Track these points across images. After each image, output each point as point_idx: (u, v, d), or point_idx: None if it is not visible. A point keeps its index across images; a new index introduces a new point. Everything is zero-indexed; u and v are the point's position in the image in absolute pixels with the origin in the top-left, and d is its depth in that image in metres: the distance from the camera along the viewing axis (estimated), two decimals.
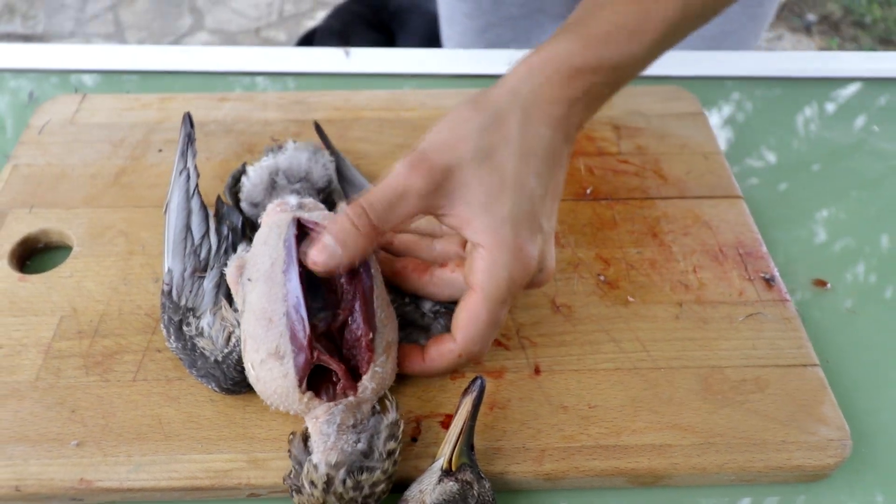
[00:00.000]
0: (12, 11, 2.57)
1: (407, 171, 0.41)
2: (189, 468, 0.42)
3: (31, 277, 0.51)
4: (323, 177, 0.52)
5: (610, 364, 0.47)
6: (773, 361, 0.48)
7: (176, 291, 0.46)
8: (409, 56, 0.76)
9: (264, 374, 0.41)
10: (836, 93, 0.74)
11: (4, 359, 0.46)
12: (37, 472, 0.41)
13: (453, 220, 0.42)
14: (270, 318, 0.41)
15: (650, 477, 0.43)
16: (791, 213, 0.61)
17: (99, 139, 0.62)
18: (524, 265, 0.42)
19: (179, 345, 0.45)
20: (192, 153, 0.50)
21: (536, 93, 0.43)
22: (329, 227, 0.42)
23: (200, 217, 0.48)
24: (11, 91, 0.70)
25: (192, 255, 0.47)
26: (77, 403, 0.44)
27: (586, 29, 0.45)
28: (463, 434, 0.40)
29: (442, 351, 0.43)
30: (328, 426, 0.40)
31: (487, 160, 0.42)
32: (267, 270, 0.43)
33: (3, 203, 0.56)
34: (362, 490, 0.38)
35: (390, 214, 0.41)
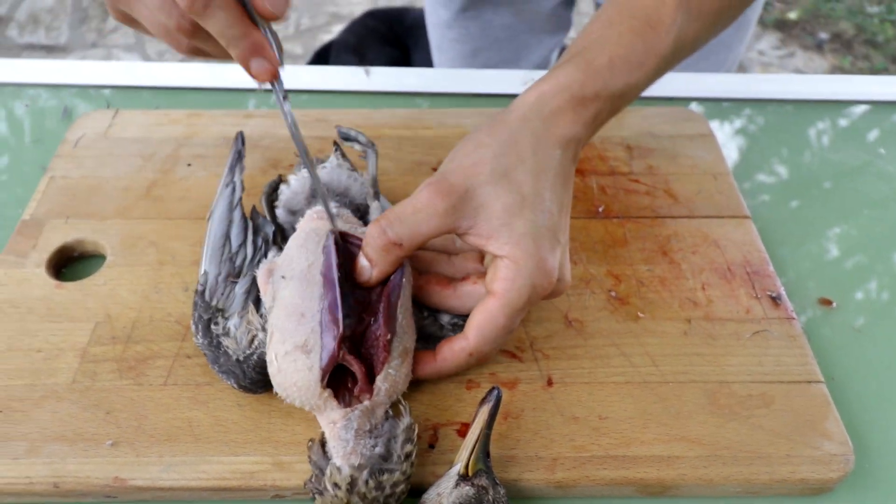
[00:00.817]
0: (36, 23, 2.63)
1: (429, 194, 0.44)
2: (217, 469, 0.44)
3: (67, 285, 0.54)
4: (361, 194, 0.55)
5: (620, 377, 0.49)
6: (779, 378, 0.49)
7: (209, 292, 0.49)
8: (427, 75, 0.78)
9: (287, 366, 0.43)
10: (846, 114, 0.75)
11: (43, 362, 0.49)
12: (74, 469, 0.44)
13: (476, 238, 0.45)
14: (303, 313, 0.44)
15: (658, 487, 0.45)
16: (799, 231, 0.63)
17: (131, 153, 0.64)
18: (546, 275, 0.45)
19: (206, 341, 0.47)
20: (241, 168, 0.53)
21: (546, 119, 0.46)
22: (363, 245, 0.45)
23: (240, 227, 0.51)
24: (47, 106, 0.73)
25: (228, 261, 0.50)
26: (111, 406, 0.47)
27: (591, 60, 0.48)
28: (479, 441, 0.41)
29: (454, 349, 0.46)
30: (346, 431, 0.42)
31: (504, 180, 0.44)
32: (303, 270, 0.45)
33: (40, 213, 0.59)
34: (384, 490, 0.40)
35: (414, 233, 0.44)
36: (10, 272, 0.54)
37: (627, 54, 0.48)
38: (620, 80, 0.48)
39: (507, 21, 0.95)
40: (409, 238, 0.44)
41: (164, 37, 0.43)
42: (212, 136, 0.66)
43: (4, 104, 0.73)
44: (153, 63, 0.77)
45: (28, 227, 0.57)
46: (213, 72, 0.76)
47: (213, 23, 0.40)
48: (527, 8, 0.94)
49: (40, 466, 0.44)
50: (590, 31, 0.50)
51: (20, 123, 0.72)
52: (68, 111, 0.72)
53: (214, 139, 0.66)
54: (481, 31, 0.96)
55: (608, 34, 0.49)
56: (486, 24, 0.95)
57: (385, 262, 0.45)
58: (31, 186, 0.63)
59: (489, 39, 0.97)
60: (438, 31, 1.00)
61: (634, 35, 0.48)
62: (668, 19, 0.49)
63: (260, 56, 0.42)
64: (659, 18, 0.49)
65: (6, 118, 0.72)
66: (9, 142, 0.70)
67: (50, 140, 0.69)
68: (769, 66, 2.48)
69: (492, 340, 0.46)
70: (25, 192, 0.63)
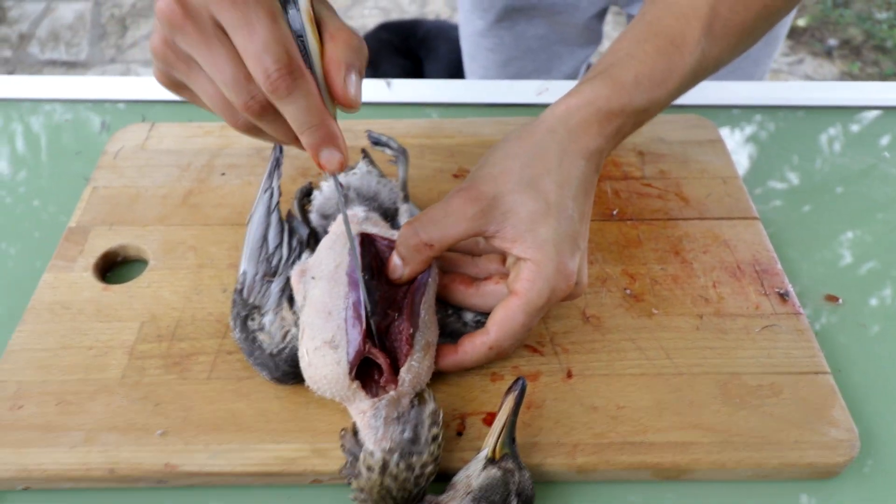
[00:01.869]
0: (57, 40, 2.70)
1: (460, 199, 0.47)
2: (260, 456, 0.47)
3: (113, 287, 0.57)
4: (389, 199, 0.58)
5: (636, 369, 0.52)
6: (787, 369, 0.52)
7: (247, 291, 0.52)
8: (447, 86, 0.82)
9: (317, 361, 0.46)
10: (856, 120, 0.78)
11: (94, 359, 0.52)
12: (127, 456, 0.47)
13: (501, 241, 0.48)
14: (330, 311, 0.47)
15: (674, 471, 0.48)
16: (811, 236, 0.65)
17: (168, 163, 0.68)
18: (565, 279, 0.48)
19: (242, 336, 0.51)
20: (278, 175, 0.57)
21: (573, 132, 0.49)
22: (396, 245, 0.48)
23: (277, 230, 0.54)
24: (86, 121, 0.77)
25: (265, 261, 0.53)
26: (160, 398, 0.50)
27: (617, 76, 0.50)
28: (506, 427, 0.44)
29: (475, 343, 0.49)
30: (375, 419, 0.45)
31: (531, 188, 0.48)
32: (331, 271, 0.49)
33: (85, 221, 0.62)
34: (413, 471, 0.43)
35: (445, 235, 0.48)
36: (60, 276, 0.58)
37: (652, 72, 0.51)
38: (644, 97, 0.51)
39: (540, 32, 0.97)
40: (439, 240, 0.47)
41: (220, 111, 0.42)
42: (244, 146, 0.70)
43: (47, 119, 0.77)
44: None
45: (74, 234, 0.61)
46: None
47: (291, 108, 0.39)
48: (561, 20, 0.97)
49: (96, 454, 0.47)
50: (617, 48, 0.53)
51: (61, 137, 0.75)
52: (106, 125, 0.76)
53: (246, 149, 0.69)
54: (515, 41, 0.99)
55: (634, 52, 0.51)
56: (519, 35, 0.98)
57: (416, 262, 0.48)
58: (74, 196, 0.67)
59: (522, 49, 1.00)
60: (472, 40, 1.03)
61: (659, 54, 0.51)
62: (692, 40, 0.51)
63: (333, 146, 0.41)
64: (683, 39, 0.51)
65: (47, 132, 0.76)
66: (50, 155, 0.73)
67: (89, 152, 0.73)
68: (779, 73, 2.51)
69: (511, 336, 0.49)
70: (69, 202, 0.67)
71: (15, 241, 0.64)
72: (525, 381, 0.46)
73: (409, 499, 0.43)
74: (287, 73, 0.37)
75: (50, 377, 0.51)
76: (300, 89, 0.38)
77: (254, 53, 0.37)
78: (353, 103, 0.40)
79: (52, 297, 0.56)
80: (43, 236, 0.64)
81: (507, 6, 0.95)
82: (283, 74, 0.37)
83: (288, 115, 0.39)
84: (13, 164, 0.72)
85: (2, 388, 0.50)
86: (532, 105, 0.79)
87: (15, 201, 0.68)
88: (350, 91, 0.40)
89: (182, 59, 0.40)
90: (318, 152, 0.41)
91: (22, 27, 2.74)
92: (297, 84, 0.38)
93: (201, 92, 0.42)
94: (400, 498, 0.42)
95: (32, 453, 0.47)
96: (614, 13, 2.50)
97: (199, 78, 0.41)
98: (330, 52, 0.40)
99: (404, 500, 0.43)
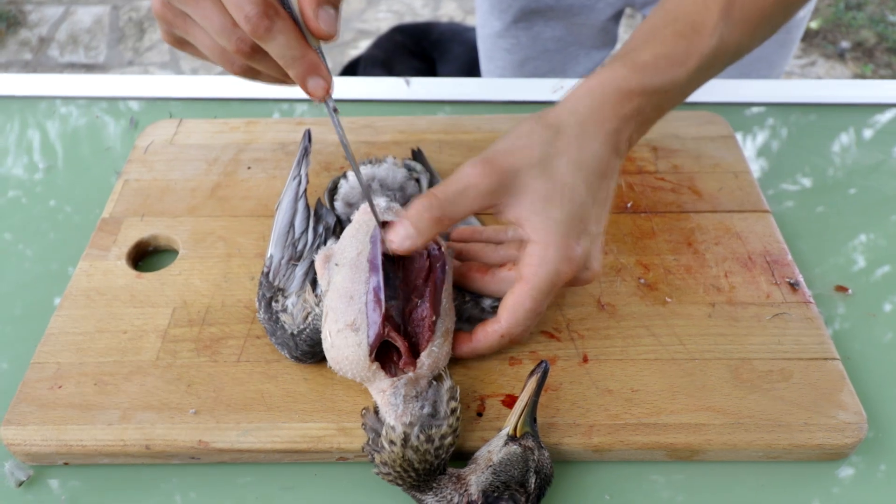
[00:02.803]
0: (76, 43, 2.74)
1: (474, 171, 0.48)
2: (289, 434, 0.49)
3: (146, 275, 0.60)
4: (414, 194, 0.60)
5: (650, 355, 0.54)
6: (797, 355, 0.54)
7: (273, 274, 0.55)
8: (463, 85, 0.84)
9: (339, 342, 0.48)
10: (870, 119, 0.79)
11: (129, 342, 0.55)
12: (162, 433, 0.49)
13: (510, 217, 0.49)
14: (352, 295, 0.49)
15: (687, 451, 0.49)
16: (824, 235, 0.66)
17: (196, 158, 0.70)
18: (570, 262, 0.49)
19: (266, 316, 0.53)
20: (307, 163, 0.59)
21: (593, 111, 0.50)
22: (407, 214, 0.49)
23: (303, 216, 0.57)
24: (117, 117, 0.80)
25: (291, 246, 0.56)
26: (192, 379, 0.52)
27: (636, 57, 0.52)
28: (527, 407, 0.46)
29: (487, 331, 0.51)
30: (395, 398, 0.47)
31: (545, 168, 0.49)
32: (353, 258, 0.51)
33: (118, 212, 0.65)
34: (433, 443, 0.45)
35: (456, 207, 0.49)
36: (95, 264, 0.60)
37: (670, 52, 0.51)
38: (663, 76, 0.51)
39: (557, 33, 0.99)
40: (450, 212, 0.48)
41: (218, 59, 0.46)
42: (268, 141, 0.72)
43: (78, 116, 0.80)
44: (211, 76, 0.84)
45: (108, 225, 0.64)
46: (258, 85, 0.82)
47: (273, 45, 0.42)
48: (577, 21, 0.99)
49: (132, 431, 0.49)
50: (636, 35, 0.54)
51: (91, 133, 0.78)
52: (135, 121, 0.79)
53: (271, 144, 0.72)
54: (532, 42, 1.01)
55: (653, 37, 0.52)
56: (536, 36, 1.00)
57: (428, 231, 0.49)
58: (105, 188, 0.70)
59: (538, 50, 1.01)
60: (490, 40, 1.05)
61: (678, 36, 0.52)
62: (710, 23, 0.52)
63: (316, 75, 0.44)
64: (702, 23, 0.52)
65: (77, 129, 0.79)
66: (82, 150, 0.76)
67: (118, 147, 0.76)
68: (791, 75, 2.51)
69: (521, 322, 0.50)
70: (100, 194, 0.69)
71: (52, 228, 0.67)
72: (548, 364, 0.47)
73: (431, 470, 0.45)
74: (264, 14, 0.41)
75: (87, 359, 0.53)
76: (277, 28, 0.42)
77: (234, 1, 0.41)
78: (325, 35, 0.43)
79: (87, 284, 0.59)
80: (78, 224, 0.67)
81: (524, 7, 0.97)
82: (261, 16, 0.41)
83: (273, 53, 0.43)
84: (47, 158, 0.75)
85: (43, 369, 0.53)
86: (548, 102, 0.81)
87: (48, 192, 0.71)
88: (321, 23, 0.42)
89: (179, 16, 0.45)
90: (304, 82, 0.44)
91: (42, 30, 2.79)
92: (275, 23, 0.42)
93: (199, 44, 0.46)
94: (422, 469, 0.44)
95: (72, 430, 0.49)
96: (628, 16, 2.51)
97: (195, 31, 0.45)
98: None
99: (426, 472, 0.44)
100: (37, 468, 0.50)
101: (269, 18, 0.41)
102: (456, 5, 2.84)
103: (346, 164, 0.70)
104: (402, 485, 0.45)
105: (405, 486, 0.45)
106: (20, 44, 2.73)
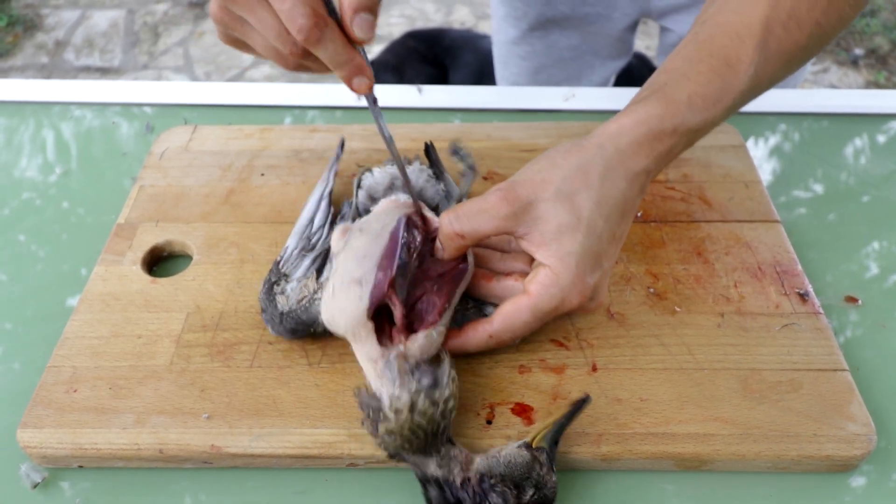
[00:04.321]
0: (91, 46, 2.77)
1: (496, 198, 0.50)
2: (300, 439, 0.50)
3: (160, 280, 0.60)
4: (434, 197, 0.62)
5: (659, 364, 0.54)
6: (807, 366, 0.54)
7: (283, 262, 0.58)
8: (475, 93, 0.84)
9: (341, 293, 0.50)
10: (882, 128, 0.79)
11: (144, 346, 0.55)
12: (175, 438, 0.50)
13: (527, 244, 0.51)
14: (366, 255, 0.51)
15: (695, 461, 0.49)
16: (836, 243, 0.66)
17: (210, 164, 0.71)
18: (579, 293, 0.50)
19: (264, 296, 0.56)
20: (336, 168, 0.63)
21: (621, 150, 0.50)
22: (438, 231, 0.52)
23: (323, 214, 0.61)
24: (132, 123, 0.81)
25: (306, 238, 0.59)
26: (205, 384, 0.53)
27: (671, 96, 0.51)
28: (553, 426, 0.47)
29: (477, 329, 0.52)
30: (388, 370, 0.48)
31: (566, 201, 0.49)
32: (377, 229, 0.53)
33: (133, 218, 0.66)
34: (438, 406, 0.46)
35: (476, 229, 0.50)
36: (110, 269, 0.61)
37: (706, 92, 0.51)
38: (698, 117, 0.51)
39: (573, 42, 0.99)
40: (471, 232, 0.51)
41: (273, 57, 0.50)
42: (282, 148, 0.73)
43: (92, 118, 0.81)
44: (224, 83, 0.85)
45: (123, 230, 0.64)
46: (281, 90, 0.83)
47: (323, 52, 0.47)
48: (593, 31, 0.99)
49: (146, 435, 0.50)
50: (670, 67, 0.53)
51: (106, 137, 0.79)
52: (151, 127, 0.80)
53: (285, 151, 0.72)
54: (547, 50, 1.01)
55: (688, 71, 0.52)
56: (552, 44, 1.00)
57: (451, 248, 0.52)
58: (118, 191, 0.71)
59: (553, 59, 1.02)
60: (505, 47, 1.05)
61: (713, 73, 0.51)
62: (746, 59, 0.51)
63: (361, 75, 0.48)
64: (738, 57, 0.51)
65: (92, 133, 0.80)
66: (97, 153, 0.77)
67: (133, 151, 0.77)
68: (804, 83, 2.50)
69: (512, 330, 0.51)
70: (116, 200, 0.70)
71: (65, 229, 0.68)
72: (590, 397, 0.48)
73: (436, 432, 0.46)
74: (315, 27, 0.45)
75: (103, 363, 0.54)
76: (326, 37, 0.46)
77: (287, 13, 0.45)
78: (360, 40, 0.47)
79: (103, 289, 0.59)
80: (91, 226, 0.68)
81: (539, 16, 0.97)
82: (312, 28, 0.45)
83: (322, 57, 0.47)
84: (62, 162, 0.76)
85: (58, 372, 0.54)
86: (559, 111, 0.81)
87: (61, 194, 0.72)
88: (356, 29, 0.47)
89: (237, 20, 0.49)
90: (350, 81, 0.49)
91: (58, 34, 2.82)
92: (324, 33, 0.46)
93: (255, 45, 0.50)
94: (429, 430, 0.46)
95: (87, 434, 0.50)
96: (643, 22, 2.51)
97: (252, 34, 0.49)
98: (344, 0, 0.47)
99: (433, 434, 0.46)
100: (51, 470, 0.51)
101: (320, 29, 0.45)
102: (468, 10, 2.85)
103: (357, 170, 0.70)
104: (409, 448, 0.46)
105: (411, 450, 0.46)
106: (37, 47, 2.77)
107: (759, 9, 0.51)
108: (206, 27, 2.83)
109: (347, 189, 0.66)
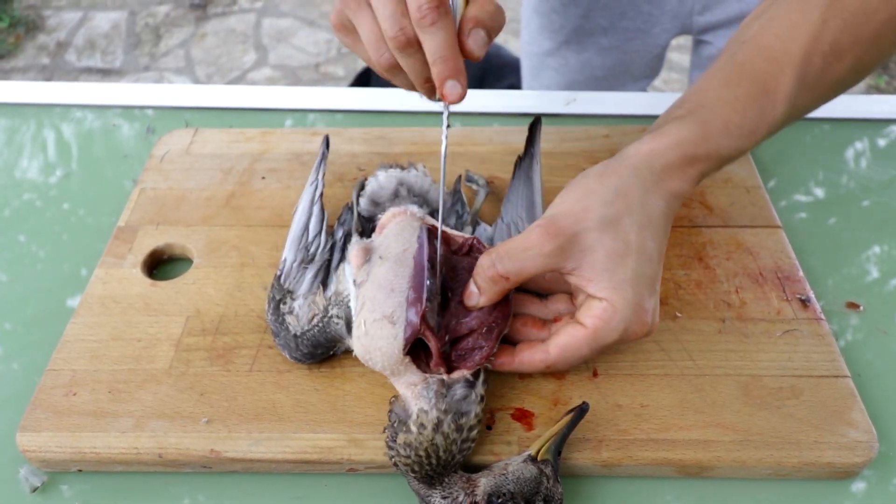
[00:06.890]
0: (93, 48, 2.77)
1: (538, 235, 0.47)
2: (299, 444, 0.50)
3: (160, 283, 0.60)
4: (435, 201, 0.61)
5: (659, 370, 0.54)
6: (808, 372, 0.54)
7: (284, 276, 0.56)
8: (475, 96, 0.84)
9: (374, 332, 0.49)
10: (883, 132, 0.79)
11: (143, 350, 0.55)
12: (175, 442, 0.50)
13: (577, 279, 0.48)
14: (393, 288, 0.50)
15: (696, 468, 0.49)
16: (836, 248, 0.66)
17: (211, 167, 0.71)
18: (641, 322, 0.48)
19: (273, 318, 0.54)
20: (323, 169, 0.61)
21: (657, 173, 0.49)
22: (474, 274, 0.50)
23: (317, 220, 0.59)
24: (133, 125, 0.81)
25: (304, 249, 0.57)
26: (204, 388, 0.53)
27: (707, 121, 0.50)
28: (556, 437, 0.47)
29: (534, 358, 0.50)
30: (427, 391, 0.48)
31: (611, 227, 0.47)
32: (398, 254, 0.52)
33: (133, 221, 0.66)
34: (462, 433, 0.46)
35: (521, 269, 0.48)
36: (110, 272, 0.61)
37: (742, 121, 0.50)
38: (732, 145, 0.50)
39: (608, 62, 0.97)
40: (515, 273, 0.48)
41: (373, 47, 0.47)
42: (283, 152, 0.73)
43: (93, 120, 0.81)
44: (225, 86, 0.85)
45: (124, 233, 0.64)
46: (284, 93, 0.83)
47: (430, 38, 0.44)
48: (630, 48, 0.97)
49: (146, 439, 0.50)
50: (705, 87, 0.52)
51: (107, 139, 0.79)
52: (152, 129, 0.80)
53: (285, 155, 0.72)
54: (581, 66, 0.99)
55: (724, 96, 0.50)
56: (586, 62, 0.98)
57: (492, 292, 0.49)
58: (118, 193, 0.71)
59: (586, 75, 1.00)
60: (536, 59, 1.04)
61: (750, 101, 0.50)
62: (784, 88, 0.50)
63: (457, 79, 0.45)
64: (776, 86, 0.50)
65: (92, 135, 0.80)
66: (97, 155, 0.77)
67: (134, 155, 0.77)
68: None
69: (569, 362, 0.50)
70: (116, 201, 0.70)
71: (65, 230, 0.68)
72: (588, 405, 0.48)
73: (449, 463, 0.46)
74: (435, 6, 0.43)
75: (102, 366, 0.54)
76: (442, 22, 0.44)
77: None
78: (470, 55, 0.46)
79: (103, 292, 0.59)
80: (91, 226, 0.68)
81: (577, 28, 0.96)
82: (432, 7, 0.43)
83: (427, 45, 0.45)
84: (62, 164, 0.76)
85: (58, 376, 0.54)
86: (560, 115, 0.81)
87: (62, 195, 0.72)
88: (470, 42, 0.45)
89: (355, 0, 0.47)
90: (443, 82, 0.45)
91: (60, 35, 2.82)
92: (441, 17, 0.44)
93: (362, 29, 0.47)
94: (444, 458, 0.45)
95: (86, 437, 0.50)
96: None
97: (364, 16, 0.47)
98: (468, 11, 0.46)
99: (444, 464, 0.45)
100: (51, 474, 0.51)
101: (438, 13, 0.43)
102: None
103: (359, 174, 0.70)
104: (416, 474, 0.46)
105: (417, 477, 0.46)
106: (38, 48, 2.77)
107: (803, 36, 0.49)
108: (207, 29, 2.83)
109: (347, 192, 0.66)
